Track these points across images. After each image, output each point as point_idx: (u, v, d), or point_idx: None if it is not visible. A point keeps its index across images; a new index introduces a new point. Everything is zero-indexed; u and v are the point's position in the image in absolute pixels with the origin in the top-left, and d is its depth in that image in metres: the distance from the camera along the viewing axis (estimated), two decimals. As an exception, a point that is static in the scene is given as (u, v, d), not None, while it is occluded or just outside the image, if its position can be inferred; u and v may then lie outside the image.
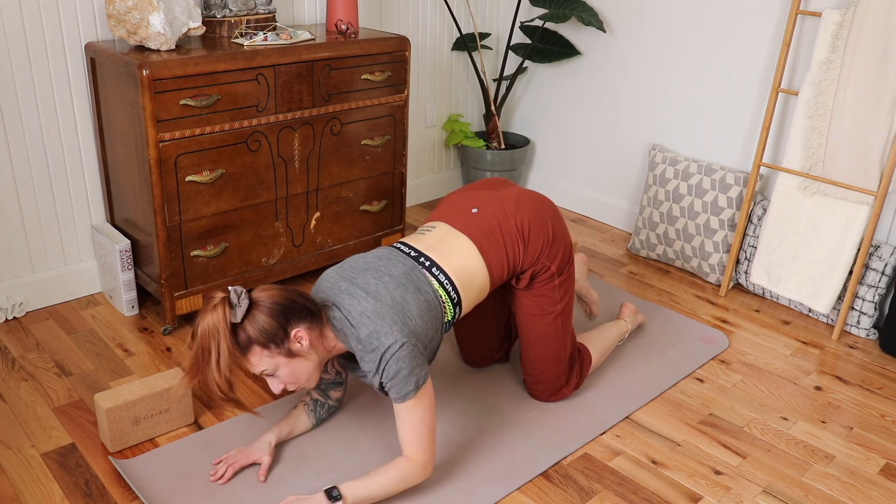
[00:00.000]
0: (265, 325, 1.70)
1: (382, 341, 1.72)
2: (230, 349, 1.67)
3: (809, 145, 2.66)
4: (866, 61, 2.48)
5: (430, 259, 1.91)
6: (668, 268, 3.17)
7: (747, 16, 2.90)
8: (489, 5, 3.70)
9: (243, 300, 1.69)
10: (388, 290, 1.80)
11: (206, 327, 1.66)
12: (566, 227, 2.11)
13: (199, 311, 1.69)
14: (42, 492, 1.86)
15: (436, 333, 1.87)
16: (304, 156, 2.63)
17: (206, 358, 1.66)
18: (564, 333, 2.14)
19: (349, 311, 1.77)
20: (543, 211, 2.07)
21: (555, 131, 3.73)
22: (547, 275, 2.04)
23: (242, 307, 1.69)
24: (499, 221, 2.01)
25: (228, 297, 1.69)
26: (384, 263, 1.88)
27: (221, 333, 1.65)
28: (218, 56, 2.33)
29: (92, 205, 2.67)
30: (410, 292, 1.81)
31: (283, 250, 2.70)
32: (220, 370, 1.66)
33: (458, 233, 1.99)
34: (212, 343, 1.65)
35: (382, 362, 1.73)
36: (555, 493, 1.92)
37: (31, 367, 2.33)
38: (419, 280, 1.86)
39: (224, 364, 1.66)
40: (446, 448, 2.05)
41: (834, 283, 2.64)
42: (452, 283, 1.90)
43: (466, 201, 2.07)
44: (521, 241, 2.01)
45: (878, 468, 2.06)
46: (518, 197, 2.07)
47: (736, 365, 2.50)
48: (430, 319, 1.84)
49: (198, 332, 1.67)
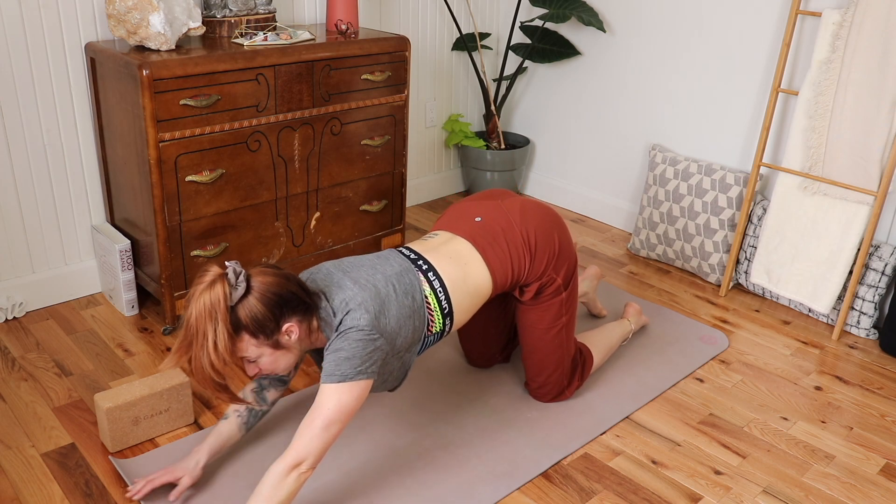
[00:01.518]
0: (258, 314, 1.61)
1: (346, 321, 1.66)
2: (230, 333, 1.57)
3: (809, 145, 2.66)
4: (866, 61, 2.48)
5: (428, 262, 1.87)
6: (668, 268, 3.17)
7: (747, 16, 2.90)
8: (489, 5, 3.70)
9: (241, 282, 1.59)
10: (373, 283, 1.74)
11: (202, 306, 1.55)
12: (571, 241, 2.09)
13: (194, 284, 1.58)
14: (42, 492, 1.86)
15: (410, 345, 1.80)
16: (304, 156, 2.63)
17: (202, 340, 1.55)
18: (567, 342, 2.13)
19: (333, 299, 1.71)
20: (549, 223, 2.03)
21: (555, 131, 3.73)
22: (553, 288, 2.02)
23: (240, 290, 1.59)
24: (503, 230, 1.97)
25: (226, 275, 1.58)
26: (381, 262, 1.84)
27: (220, 315, 1.55)
28: (218, 56, 2.33)
29: (92, 205, 2.68)
30: (396, 293, 1.75)
31: (283, 250, 2.70)
32: (217, 353, 1.56)
33: (461, 238, 1.96)
34: (208, 324, 1.55)
35: (337, 335, 1.66)
36: (555, 493, 1.92)
37: (31, 367, 2.33)
38: (411, 283, 1.80)
39: (222, 347, 1.56)
40: (446, 448, 2.05)
41: (834, 283, 2.64)
42: (446, 291, 1.84)
43: (470, 211, 2.04)
44: (527, 252, 1.97)
45: (878, 468, 2.06)
46: (523, 208, 2.04)
47: (736, 365, 2.50)
48: (408, 328, 1.76)
49: (192, 310, 1.55)
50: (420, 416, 2.17)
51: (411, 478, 1.94)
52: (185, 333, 1.59)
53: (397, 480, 1.92)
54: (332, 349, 1.66)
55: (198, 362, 1.58)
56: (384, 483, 1.91)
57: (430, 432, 2.10)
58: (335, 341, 1.66)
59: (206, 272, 1.58)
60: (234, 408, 1.89)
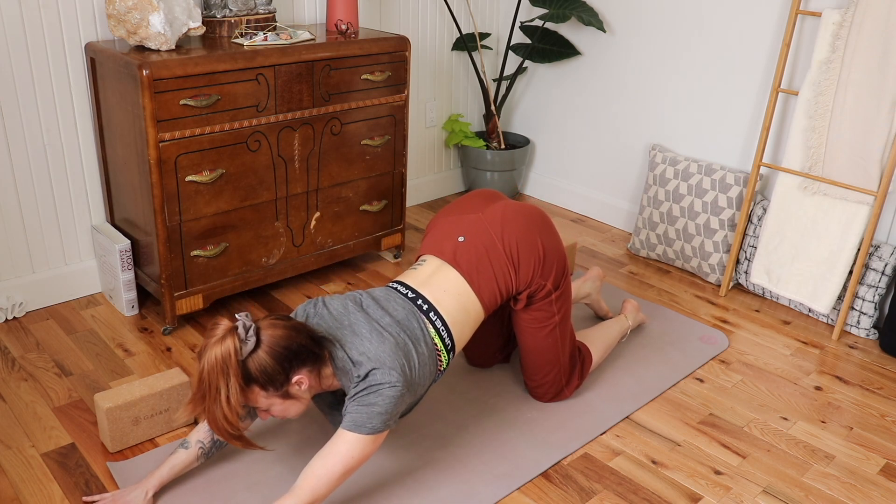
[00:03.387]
0: (268, 367, 1.64)
1: (378, 377, 1.69)
2: (241, 386, 1.62)
3: (809, 145, 2.66)
4: (866, 61, 2.48)
5: (428, 301, 1.88)
6: (668, 268, 3.17)
7: (747, 16, 2.90)
8: (489, 5, 3.70)
9: (251, 336, 1.63)
10: (389, 333, 1.76)
11: (214, 361, 1.59)
12: (558, 240, 2.06)
13: (205, 337, 1.63)
14: (42, 492, 1.86)
15: (424, 387, 1.84)
16: (304, 156, 2.63)
17: (215, 395, 1.60)
18: (563, 341, 2.14)
19: (351, 350, 1.73)
20: (532, 228, 2.01)
21: (555, 131, 3.73)
22: (543, 293, 2.02)
23: (250, 344, 1.62)
24: (487, 249, 1.97)
25: (236, 328, 1.62)
26: (385, 303, 1.85)
27: (232, 370, 1.59)
28: (218, 56, 2.33)
29: (92, 205, 2.67)
30: (413, 341, 1.79)
31: (284, 250, 2.70)
32: (230, 407, 1.60)
33: (449, 267, 1.96)
34: (220, 379, 1.59)
35: (367, 388, 1.69)
36: (555, 493, 1.92)
37: (31, 367, 2.33)
38: (419, 328, 1.82)
39: (234, 401, 1.60)
40: (446, 448, 2.05)
41: (834, 283, 2.64)
42: (448, 328, 1.88)
43: (453, 229, 2.02)
44: (511, 266, 1.97)
45: (878, 468, 2.06)
46: (504, 217, 2.01)
47: (736, 365, 2.50)
48: (426, 375, 1.81)
49: (205, 364, 1.60)
50: (420, 416, 2.17)
51: (411, 478, 1.94)
52: (198, 387, 1.62)
53: (397, 480, 1.92)
54: (364, 402, 1.68)
55: (211, 415, 1.62)
56: (384, 483, 1.91)
57: (429, 432, 2.10)
58: (367, 395, 1.68)
59: (217, 325, 1.62)
60: (197, 438, 1.84)
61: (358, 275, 3.00)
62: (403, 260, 3.14)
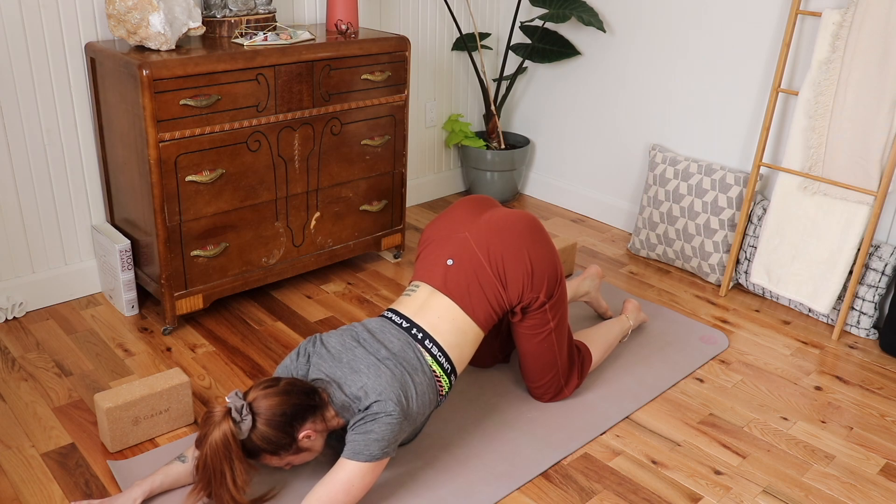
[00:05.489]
0: (272, 437, 1.69)
1: (374, 407, 1.72)
2: (245, 466, 1.66)
3: (809, 145, 2.66)
4: (866, 61, 2.48)
5: (422, 330, 1.90)
6: (668, 268, 3.17)
7: (747, 16, 2.90)
8: (489, 5, 3.70)
9: (246, 415, 1.66)
10: (388, 368, 1.79)
11: (214, 446, 1.62)
12: (549, 248, 2.04)
13: (201, 425, 1.66)
14: (42, 492, 1.86)
15: (425, 415, 1.87)
16: (304, 156, 2.63)
17: (220, 479, 1.64)
18: (560, 344, 2.14)
19: (351, 387, 1.77)
20: (518, 243, 1.99)
21: (555, 131, 3.73)
22: (537, 304, 2.02)
23: (247, 422, 1.66)
24: (475, 272, 1.97)
25: (230, 411, 1.66)
26: (380, 335, 1.88)
27: (234, 452, 1.64)
28: (218, 56, 2.33)
29: (92, 205, 2.68)
30: (409, 372, 1.81)
31: (283, 250, 2.70)
32: (237, 488, 1.65)
33: (440, 294, 1.97)
34: (224, 463, 1.63)
35: (364, 417, 1.72)
36: (555, 493, 1.92)
37: (31, 367, 2.33)
38: (416, 359, 1.85)
39: (241, 482, 1.65)
40: (446, 448, 2.05)
41: (834, 283, 2.64)
42: (445, 354, 1.90)
43: (441, 253, 2.02)
44: (500, 284, 1.98)
45: (878, 468, 2.06)
46: (489, 234, 2.00)
47: (736, 365, 2.50)
48: (425, 403, 1.84)
49: (206, 451, 1.63)
50: (420, 416, 2.17)
51: (411, 478, 1.94)
52: (202, 474, 1.65)
53: (397, 480, 1.92)
54: (361, 430, 1.72)
55: (219, 498, 1.66)
56: (384, 483, 1.91)
57: (430, 432, 2.10)
58: (364, 424, 1.73)
59: (211, 413, 1.66)
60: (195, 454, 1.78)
61: (358, 275, 3.00)
62: (403, 260, 3.14)
